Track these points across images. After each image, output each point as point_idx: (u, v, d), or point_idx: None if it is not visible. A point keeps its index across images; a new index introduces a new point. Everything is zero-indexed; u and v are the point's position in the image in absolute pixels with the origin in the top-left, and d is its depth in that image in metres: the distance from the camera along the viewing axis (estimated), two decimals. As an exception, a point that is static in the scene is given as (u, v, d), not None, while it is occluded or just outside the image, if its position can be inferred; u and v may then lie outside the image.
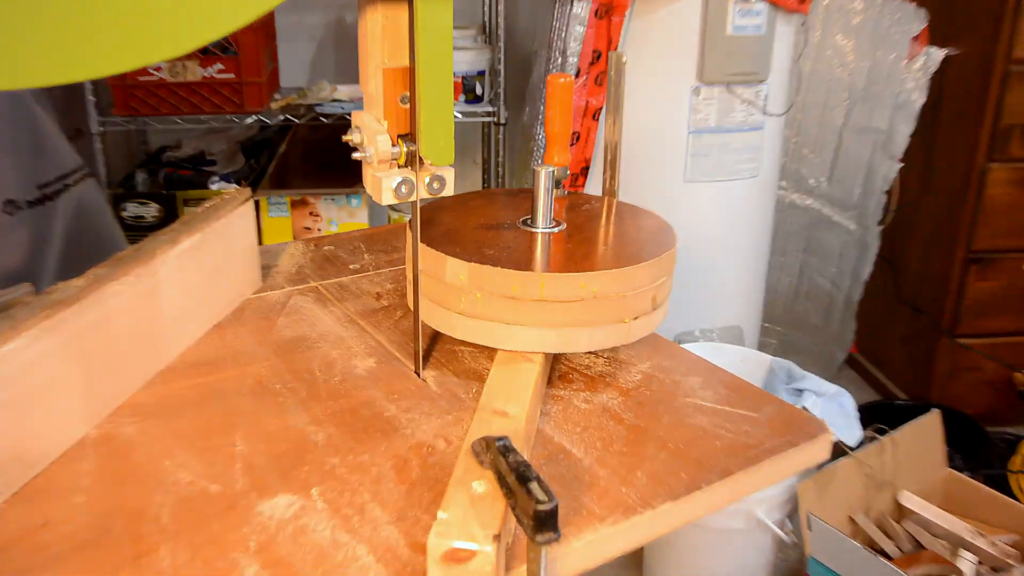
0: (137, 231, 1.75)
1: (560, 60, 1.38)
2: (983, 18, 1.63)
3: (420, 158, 0.55)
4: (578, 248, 0.62)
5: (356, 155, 0.55)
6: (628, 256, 0.61)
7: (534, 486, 0.41)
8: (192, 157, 1.99)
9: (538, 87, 1.59)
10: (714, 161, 1.41)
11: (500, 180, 2.04)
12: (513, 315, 0.58)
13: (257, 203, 1.82)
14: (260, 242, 0.77)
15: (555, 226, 0.66)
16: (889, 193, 1.75)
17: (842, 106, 1.78)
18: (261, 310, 0.72)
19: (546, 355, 0.60)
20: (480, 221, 0.68)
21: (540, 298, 0.57)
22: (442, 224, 0.66)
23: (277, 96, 1.83)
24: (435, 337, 0.67)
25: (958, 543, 1.25)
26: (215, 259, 0.67)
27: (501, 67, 1.81)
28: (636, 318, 0.60)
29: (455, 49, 1.81)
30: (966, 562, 1.21)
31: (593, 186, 1.45)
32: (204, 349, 0.65)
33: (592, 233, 0.67)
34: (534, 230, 0.65)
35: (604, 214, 0.73)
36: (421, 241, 0.60)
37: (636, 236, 0.66)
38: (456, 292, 0.59)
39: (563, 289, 0.57)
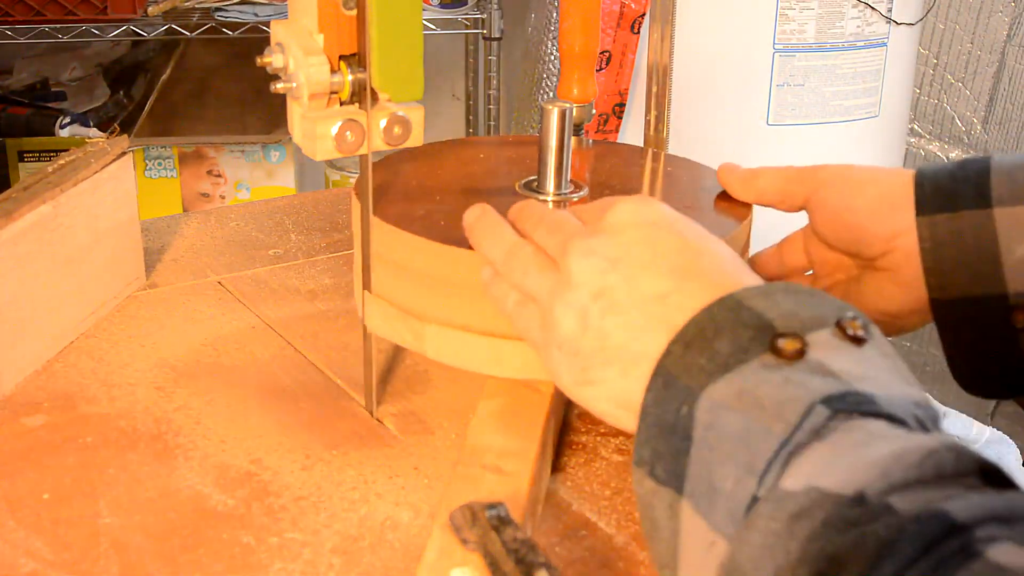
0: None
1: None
2: None
3: (373, 91, 0.55)
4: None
5: (277, 86, 0.56)
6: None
7: (542, 575, 0.41)
8: (30, 87, 1.99)
9: (549, -17, 1.59)
10: (812, 94, 1.42)
11: (492, 123, 2.05)
12: (509, 325, 0.58)
13: (128, 157, 1.81)
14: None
15: (573, 191, 0.67)
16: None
17: (1007, 9, 1.79)
18: (138, 317, 0.73)
19: (560, 383, 0.61)
20: (462, 184, 0.68)
21: (551, 299, 0.58)
22: (406, 189, 0.67)
23: (158, -4, 1.83)
24: (397, 357, 0.68)
25: None
26: (73, 244, 0.68)
27: (494, -47, 1.82)
28: (694, 328, 0.61)
29: (425, -74, 1.82)
30: None
31: (631, 132, 1.45)
32: (53, 377, 0.66)
33: (629, 202, 0.67)
34: (542, 197, 0.66)
35: (646, 174, 0.73)
36: (374, 214, 0.61)
37: (693, 206, 0.67)
38: (426, 290, 0.60)
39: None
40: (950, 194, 0.59)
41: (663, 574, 0.42)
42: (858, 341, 0.41)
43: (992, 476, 0.35)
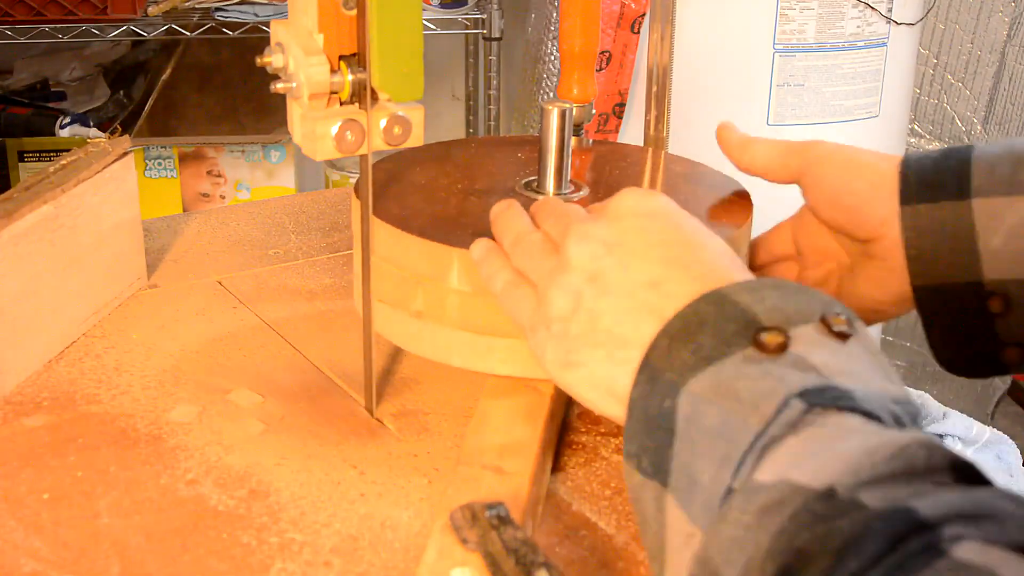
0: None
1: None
2: None
3: (373, 91, 0.55)
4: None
5: (277, 86, 0.56)
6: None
7: (542, 575, 0.42)
8: (30, 88, 1.99)
9: (549, -17, 1.59)
10: (812, 94, 1.42)
11: (492, 123, 2.05)
12: (509, 324, 0.59)
13: (128, 157, 1.80)
14: (135, 216, 0.77)
15: (573, 191, 0.67)
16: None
17: (1007, 9, 1.79)
18: (138, 317, 0.73)
19: (560, 383, 0.61)
20: (463, 184, 0.68)
21: (551, 299, 0.58)
22: (406, 189, 0.67)
23: (158, -4, 1.83)
24: (397, 357, 0.68)
25: None
26: (75, 244, 0.68)
27: (494, -47, 1.82)
28: (694, 328, 0.61)
29: (425, -74, 1.82)
30: None
31: (631, 132, 1.45)
32: (53, 376, 0.66)
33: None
34: (542, 197, 0.66)
35: (646, 173, 0.74)
36: (374, 215, 0.61)
37: (694, 206, 0.67)
38: (426, 290, 0.60)
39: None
40: (932, 184, 0.60)
41: (653, 566, 0.42)
42: (842, 336, 0.41)
43: (964, 473, 0.35)
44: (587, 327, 0.47)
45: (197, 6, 1.82)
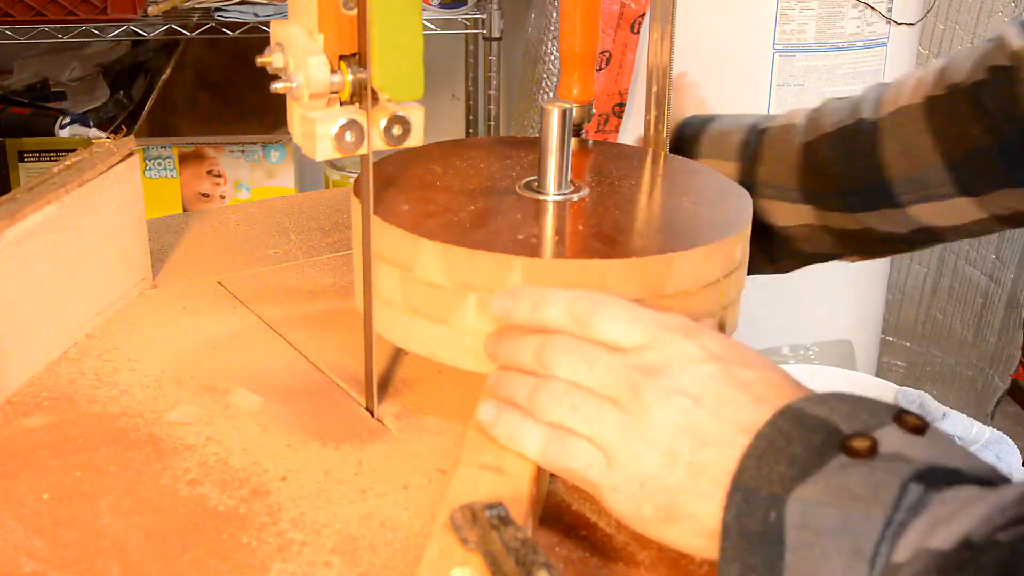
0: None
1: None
2: None
3: (374, 91, 0.56)
4: (604, 224, 0.63)
5: (277, 86, 0.56)
6: (679, 236, 0.62)
7: (542, 575, 0.42)
8: (30, 88, 1.99)
9: (549, -17, 1.59)
10: (812, 94, 1.42)
11: (492, 123, 2.05)
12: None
13: (128, 157, 1.80)
14: (135, 216, 0.77)
15: (573, 191, 0.67)
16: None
17: (1007, 9, 1.79)
18: (138, 317, 0.73)
19: (560, 383, 0.61)
20: (462, 184, 0.68)
21: (551, 299, 0.58)
22: (406, 189, 0.67)
23: (158, -4, 1.83)
24: (398, 357, 0.68)
25: None
26: (79, 245, 0.68)
27: (494, -47, 1.82)
28: (694, 328, 0.61)
29: (425, -74, 1.82)
30: None
31: (631, 132, 1.45)
32: (53, 376, 0.66)
33: (627, 202, 0.67)
34: (541, 197, 0.66)
35: (646, 174, 0.74)
36: (375, 214, 0.61)
37: (692, 207, 0.67)
38: (426, 290, 0.60)
39: (579, 284, 0.58)
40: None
41: None
42: (920, 430, 0.43)
43: None
44: (690, 480, 0.46)
45: (197, 6, 1.82)
